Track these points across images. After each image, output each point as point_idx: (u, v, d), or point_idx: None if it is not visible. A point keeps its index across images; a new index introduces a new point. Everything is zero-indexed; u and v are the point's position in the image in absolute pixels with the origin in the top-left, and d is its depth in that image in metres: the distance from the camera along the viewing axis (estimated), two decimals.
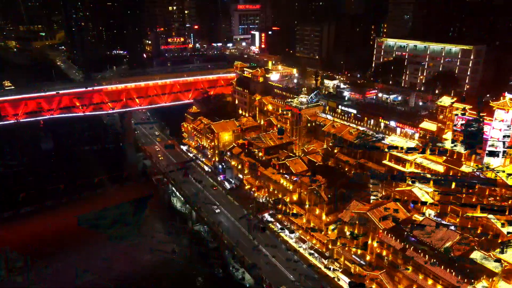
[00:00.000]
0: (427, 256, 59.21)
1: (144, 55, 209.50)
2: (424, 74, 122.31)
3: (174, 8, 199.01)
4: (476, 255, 57.04)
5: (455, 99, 68.57)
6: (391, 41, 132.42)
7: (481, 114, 57.24)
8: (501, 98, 59.57)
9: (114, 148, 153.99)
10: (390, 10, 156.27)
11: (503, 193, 59.26)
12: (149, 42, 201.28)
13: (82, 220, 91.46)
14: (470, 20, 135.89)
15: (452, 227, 63.37)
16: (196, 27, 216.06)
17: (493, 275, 54.45)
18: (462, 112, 61.18)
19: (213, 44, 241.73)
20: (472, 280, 54.15)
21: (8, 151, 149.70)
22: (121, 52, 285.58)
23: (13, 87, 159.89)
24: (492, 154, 56.39)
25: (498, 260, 54.61)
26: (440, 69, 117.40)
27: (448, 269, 56.21)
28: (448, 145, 66.72)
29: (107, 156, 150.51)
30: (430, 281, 58.39)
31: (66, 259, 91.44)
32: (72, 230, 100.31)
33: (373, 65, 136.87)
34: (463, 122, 63.35)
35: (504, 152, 59.49)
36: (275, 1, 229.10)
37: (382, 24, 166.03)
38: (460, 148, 64.05)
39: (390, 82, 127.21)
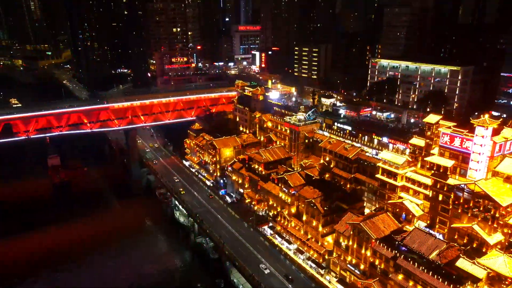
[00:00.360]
0: (416, 264, 63.07)
1: (149, 74, 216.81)
2: (416, 93, 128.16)
3: (178, 29, 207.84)
4: (462, 262, 60.93)
5: (441, 116, 73.60)
6: (384, 62, 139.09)
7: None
8: (482, 116, 64.57)
9: (118, 164, 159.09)
10: (383, 32, 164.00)
11: (486, 204, 63.51)
12: (154, 61, 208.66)
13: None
14: (460, 42, 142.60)
15: (440, 237, 67.47)
16: (199, 47, 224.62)
17: (478, 281, 58.23)
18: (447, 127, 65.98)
19: (215, 63, 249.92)
20: (458, 286, 57.87)
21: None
22: (125, 70, 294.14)
23: (19, 105, 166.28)
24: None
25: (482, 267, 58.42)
26: (431, 88, 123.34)
27: (436, 276, 59.95)
28: (435, 159, 71.36)
29: (111, 172, 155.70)
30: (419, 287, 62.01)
31: (74, 269, 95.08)
32: (78, 243, 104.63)
33: (368, 84, 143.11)
34: (448, 138, 68.23)
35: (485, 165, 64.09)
36: (275, 23, 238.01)
37: (377, 45, 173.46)
38: (446, 162, 68.69)
39: (384, 101, 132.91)
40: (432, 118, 74.87)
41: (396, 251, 66.70)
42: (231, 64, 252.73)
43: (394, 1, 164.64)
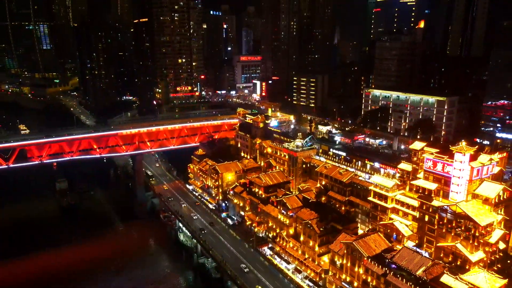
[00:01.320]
0: (404, 280, 68.09)
1: (154, 102, 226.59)
2: (407, 121, 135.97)
3: (183, 60, 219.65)
4: (446, 278, 65.99)
5: (425, 143, 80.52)
6: (377, 92, 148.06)
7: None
8: (460, 143, 71.43)
9: (124, 188, 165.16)
10: (376, 64, 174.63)
11: (467, 224, 69.22)
12: (159, 90, 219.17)
13: None
14: (448, 73, 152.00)
15: (426, 255, 72.76)
16: (202, 76, 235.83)
17: None
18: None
19: (218, 91, 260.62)
20: None
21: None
22: (130, 98, 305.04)
23: (27, 131, 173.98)
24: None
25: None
26: (420, 116, 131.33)
27: None
28: (420, 183, 77.66)
29: (117, 195, 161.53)
30: None
31: None
32: (82, 264, 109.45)
33: (362, 112, 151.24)
34: (431, 163, 74.82)
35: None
36: (275, 54, 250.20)
37: (370, 76, 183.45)
38: (430, 185, 74.95)
39: (378, 128, 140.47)
40: (417, 145, 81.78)
41: (386, 268, 71.78)
42: (232, 92, 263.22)
43: (387, 35, 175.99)
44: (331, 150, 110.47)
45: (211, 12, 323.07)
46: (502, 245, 72.99)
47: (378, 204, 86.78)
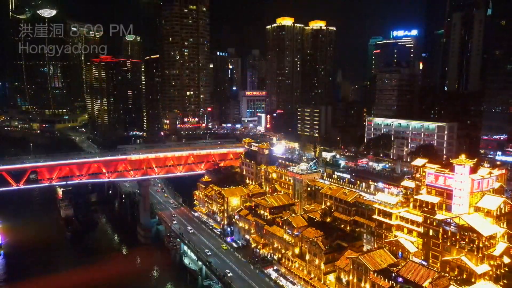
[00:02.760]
0: None
1: (162, 133, 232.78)
2: (409, 147, 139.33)
3: (191, 92, 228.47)
4: None
5: (427, 160, 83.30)
6: (379, 120, 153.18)
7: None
8: (460, 156, 74.21)
9: (130, 215, 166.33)
10: (376, 95, 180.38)
11: (470, 235, 70.25)
12: (167, 121, 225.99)
13: None
14: (447, 104, 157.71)
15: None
16: (209, 109, 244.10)
17: None
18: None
19: (223, 124, 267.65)
20: None
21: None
22: (137, 133, 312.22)
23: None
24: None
25: None
26: (421, 142, 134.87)
27: None
28: (423, 197, 79.50)
29: (122, 221, 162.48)
30: None
31: None
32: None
33: (365, 140, 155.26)
34: (433, 177, 77.14)
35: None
36: (279, 88, 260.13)
37: (372, 108, 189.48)
38: (433, 199, 76.76)
39: (381, 155, 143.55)
40: (419, 161, 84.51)
41: (393, 282, 71.88)
42: (238, 125, 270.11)
43: (387, 68, 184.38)
44: (335, 173, 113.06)
45: (218, 53, 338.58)
46: (506, 260, 73.42)
47: (383, 222, 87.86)
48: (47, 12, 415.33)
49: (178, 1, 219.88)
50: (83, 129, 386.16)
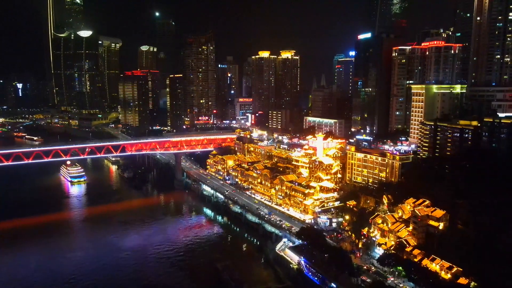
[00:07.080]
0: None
1: (184, 127, 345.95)
2: (322, 132, 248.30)
3: (203, 101, 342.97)
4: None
5: (324, 136, 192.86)
6: (310, 118, 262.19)
7: None
8: (322, 133, 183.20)
9: (168, 174, 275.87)
10: (312, 104, 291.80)
11: (322, 165, 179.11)
12: (187, 119, 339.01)
13: None
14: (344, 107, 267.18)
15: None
16: (215, 111, 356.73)
17: None
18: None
19: (224, 121, 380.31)
20: None
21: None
22: (159, 128, 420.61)
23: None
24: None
25: None
26: (328, 130, 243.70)
27: None
28: (308, 151, 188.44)
29: (164, 179, 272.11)
30: None
31: (138, 227, 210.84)
32: (135, 211, 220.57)
33: (303, 129, 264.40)
34: (311, 142, 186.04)
35: None
36: (260, 97, 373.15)
37: (309, 111, 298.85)
38: (310, 152, 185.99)
39: (309, 136, 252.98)
40: (318, 138, 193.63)
41: (291, 184, 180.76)
42: (233, 121, 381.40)
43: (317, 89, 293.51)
44: (281, 146, 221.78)
45: (219, 66, 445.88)
46: (339, 175, 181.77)
47: (296, 164, 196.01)
48: (85, 33, 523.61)
49: (196, 44, 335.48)
50: (112, 125, 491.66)
